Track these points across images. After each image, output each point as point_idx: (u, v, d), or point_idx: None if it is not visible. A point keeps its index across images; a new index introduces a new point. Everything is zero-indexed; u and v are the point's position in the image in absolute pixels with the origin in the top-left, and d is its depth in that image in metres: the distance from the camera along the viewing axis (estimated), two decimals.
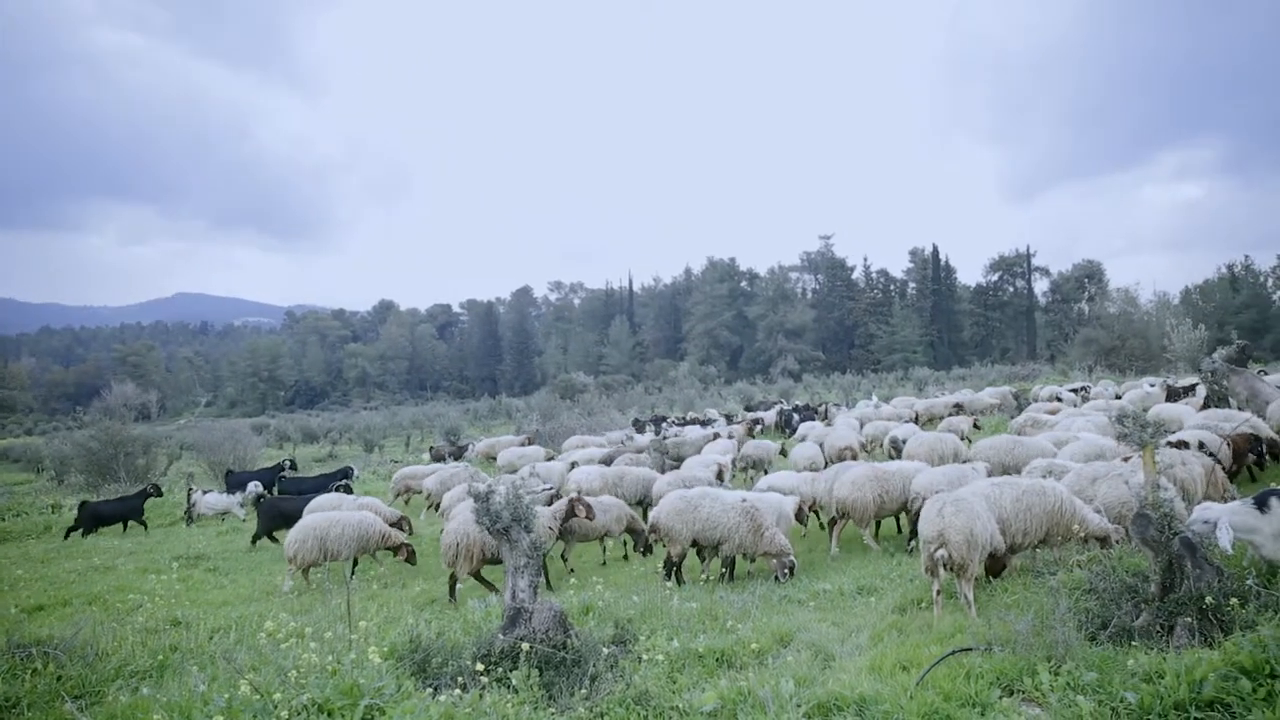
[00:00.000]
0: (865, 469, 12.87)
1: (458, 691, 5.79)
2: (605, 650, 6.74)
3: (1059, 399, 26.99)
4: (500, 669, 6.46)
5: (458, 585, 11.61)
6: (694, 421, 31.09)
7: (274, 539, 17.11)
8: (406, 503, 20.99)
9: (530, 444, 27.25)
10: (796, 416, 29.74)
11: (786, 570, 10.65)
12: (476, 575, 11.61)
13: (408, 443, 46.21)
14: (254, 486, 24.24)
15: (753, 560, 11.49)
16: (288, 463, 28.17)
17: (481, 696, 5.78)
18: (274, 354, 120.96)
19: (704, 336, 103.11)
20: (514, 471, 19.62)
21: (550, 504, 12.95)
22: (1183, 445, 12.19)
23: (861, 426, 23.56)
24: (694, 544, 11.13)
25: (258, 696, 5.05)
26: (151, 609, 11.05)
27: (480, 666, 6.20)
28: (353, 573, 13.63)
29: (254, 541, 17.50)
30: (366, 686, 5.35)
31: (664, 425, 30.72)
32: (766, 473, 18.38)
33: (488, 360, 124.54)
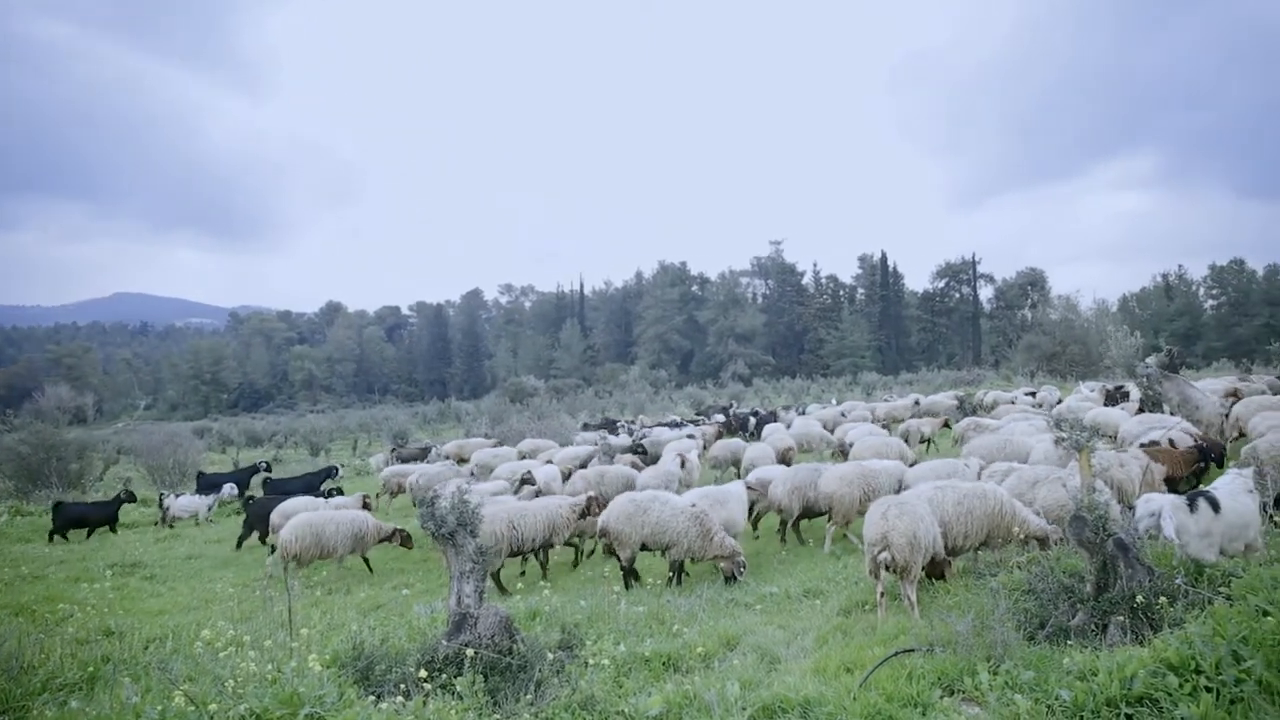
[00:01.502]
0: (852, 466, 13.25)
1: (400, 699, 5.71)
2: (550, 655, 6.70)
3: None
4: (445, 675, 6.39)
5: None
6: (670, 424, 31.26)
7: (264, 540, 16.87)
8: (392, 497, 21.11)
9: (500, 445, 27.11)
10: (753, 420, 30.20)
11: (740, 570, 10.72)
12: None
13: (355, 446, 45.54)
14: (228, 489, 24.16)
15: (695, 561, 11.50)
16: (264, 464, 28.03)
17: (425, 704, 5.71)
18: (217, 356, 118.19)
19: (655, 340, 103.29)
20: (489, 471, 19.69)
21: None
22: (1154, 444, 12.80)
23: (833, 429, 24.00)
24: (643, 547, 11.15)
25: (192, 708, 4.93)
26: (82, 619, 10.65)
27: (424, 673, 6.12)
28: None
29: (239, 543, 17.47)
30: (307, 695, 5.24)
31: (618, 428, 30.82)
32: (738, 471, 18.66)
33: (437, 363, 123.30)
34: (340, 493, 19.39)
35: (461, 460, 24.83)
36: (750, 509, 13.70)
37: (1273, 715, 4.35)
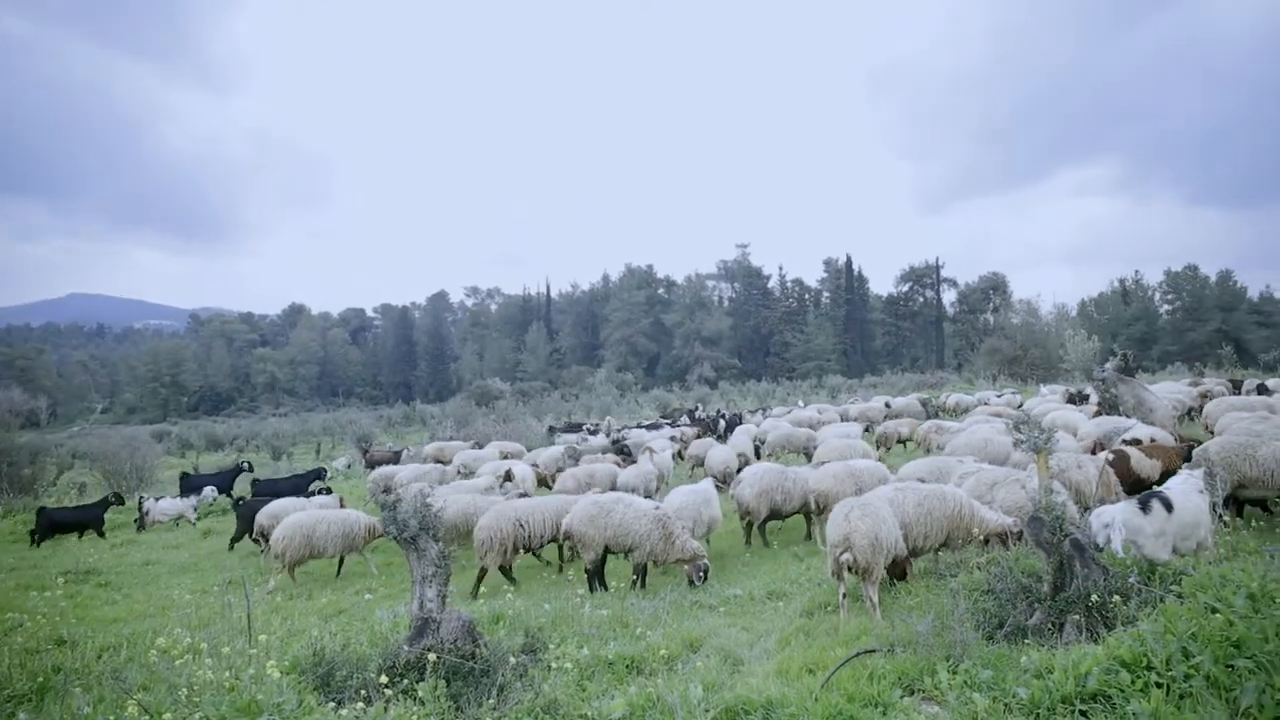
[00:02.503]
0: (840, 465, 13.47)
1: (361, 705, 5.66)
2: (513, 659, 6.67)
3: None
4: (407, 681, 6.34)
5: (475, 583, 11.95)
6: (650, 425, 31.50)
7: (258, 541, 16.65)
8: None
9: (478, 447, 27.26)
10: (722, 422, 30.54)
11: (701, 574, 10.74)
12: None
13: (318, 450, 45.02)
14: (209, 491, 24.00)
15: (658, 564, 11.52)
16: (246, 464, 28.04)
17: (386, 709, 5.67)
18: (177, 358, 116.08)
19: (621, 343, 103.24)
20: (473, 473, 19.83)
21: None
22: (1135, 442, 13.24)
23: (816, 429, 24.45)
24: (606, 549, 11.13)
25: (146, 717, 4.85)
26: (33, 628, 10.35)
27: (385, 679, 6.06)
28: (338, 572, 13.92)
29: (232, 544, 17.45)
30: (265, 703, 5.18)
31: (584, 431, 30.89)
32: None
33: (402, 366, 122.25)
34: (329, 493, 19.45)
35: (439, 462, 24.80)
36: None
37: (1220, 709, 4.44)
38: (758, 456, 20.99)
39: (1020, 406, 26.35)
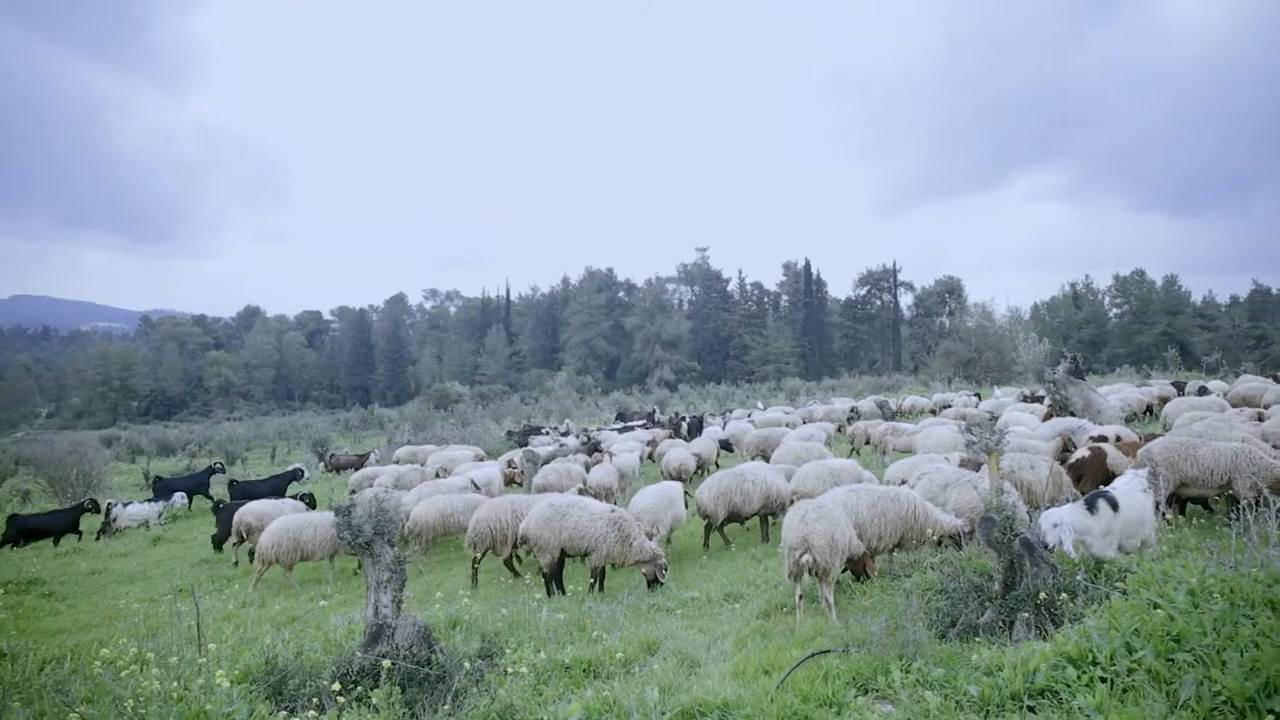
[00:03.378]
0: (819, 465, 13.69)
1: (314, 713, 5.59)
2: (468, 665, 6.63)
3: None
4: (361, 688, 6.28)
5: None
6: (621, 427, 31.79)
7: (237, 545, 16.66)
8: None
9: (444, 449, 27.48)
10: (684, 424, 30.86)
11: (660, 573, 10.76)
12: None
13: (273, 454, 44.31)
14: (179, 497, 23.82)
15: (615, 567, 11.52)
16: (219, 465, 28.16)
17: (339, 717, 5.60)
18: (127, 361, 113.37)
19: (581, 346, 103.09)
20: (448, 473, 20.03)
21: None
22: (1102, 439, 13.63)
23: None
24: (563, 553, 11.11)
25: None
26: None
27: (337, 686, 5.99)
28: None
29: (218, 546, 17.48)
30: (214, 713, 5.10)
31: (543, 434, 30.84)
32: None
33: (360, 369, 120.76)
34: (304, 499, 19.38)
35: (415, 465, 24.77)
36: None
37: (1160, 702, 4.55)
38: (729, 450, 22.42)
39: (979, 408, 26.82)
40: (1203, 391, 23.91)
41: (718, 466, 21.75)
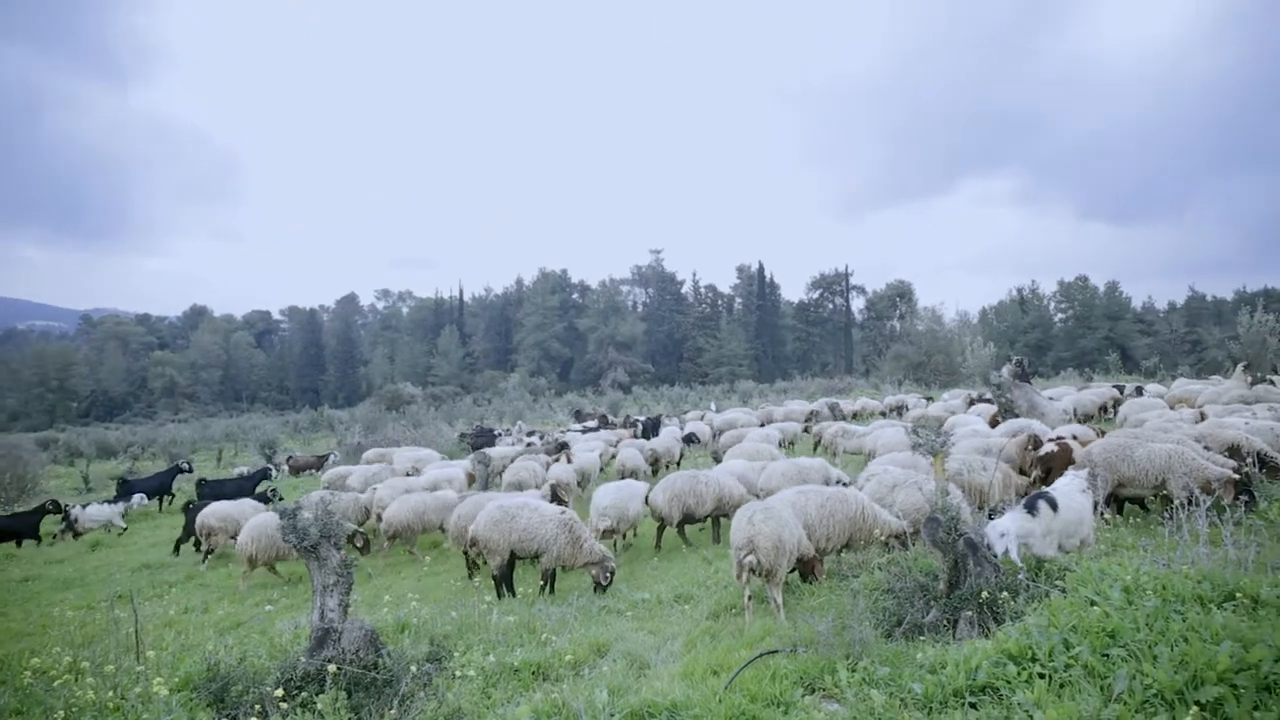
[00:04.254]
0: (789, 463, 14.00)
1: None
2: (415, 668, 6.57)
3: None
4: (306, 693, 6.18)
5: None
6: (585, 428, 31.96)
7: (199, 546, 16.42)
8: None
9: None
10: (639, 425, 31.04)
11: (607, 575, 10.75)
12: (503, 573, 11.71)
13: (219, 457, 43.39)
14: (138, 498, 23.29)
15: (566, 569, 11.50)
16: (186, 464, 27.56)
17: None
18: (65, 361, 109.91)
19: (535, 348, 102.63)
20: (418, 472, 20.16)
21: None
22: (1059, 438, 13.87)
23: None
24: (513, 555, 11.06)
25: None
26: None
27: (280, 692, 5.90)
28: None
29: (177, 548, 17.16)
30: None
31: (496, 436, 30.74)
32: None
33: (310, 370, 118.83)
34: (280, 496, 19.31)
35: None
36: None
37: (1095, 696, 4.68)
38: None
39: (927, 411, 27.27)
40: (1139, 393, 24.60)
41: (679, 466, 22.00)
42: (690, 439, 24.30)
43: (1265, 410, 16.16)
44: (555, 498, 14.09)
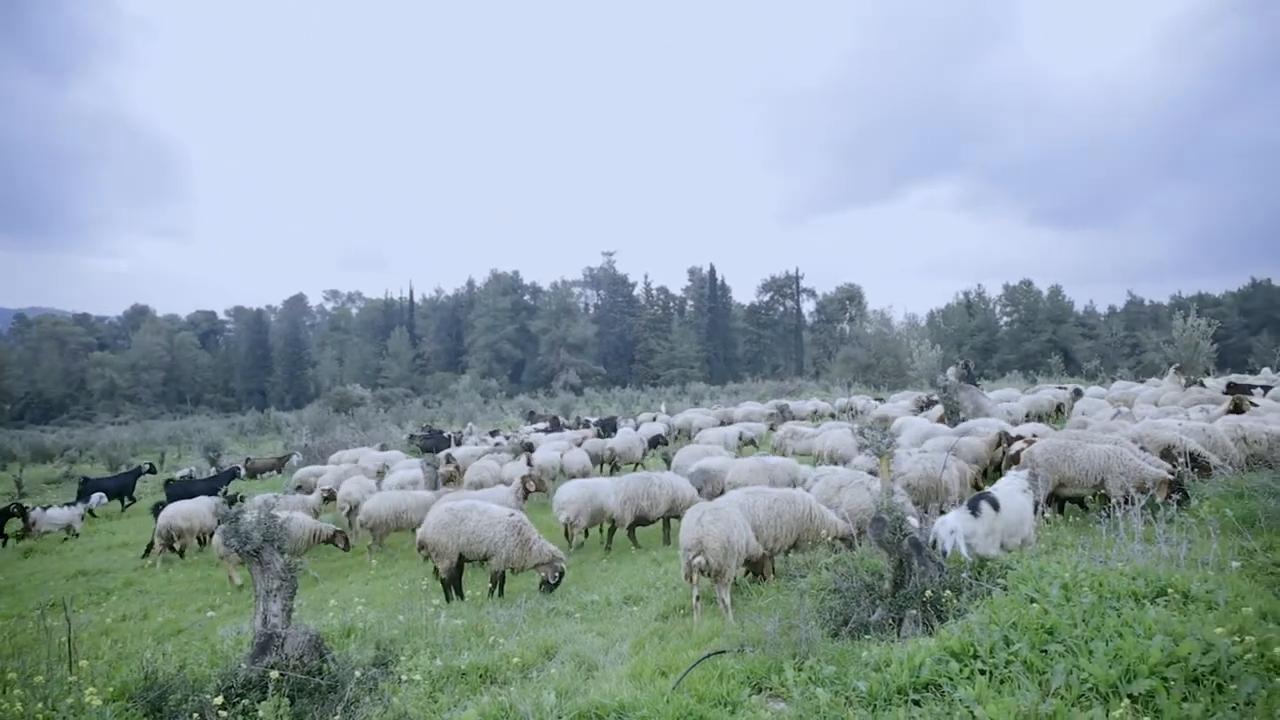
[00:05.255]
0: (756, 461, 14.17)
1: None
2: (358, 673, 6.47)
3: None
4: (247, 701, 6.06)
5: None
6: (545, 429, 31.95)
7: (173, 548, 16.19)
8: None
9: (385, 449, 27.69)
10: (592, 426, 31.10)
11: (556, 574, 10.70)
12: (451, 576, 11.40)
13: (162, 460, 42.31)
14: (98, 498, 22.91)
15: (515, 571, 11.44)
16: (148, 466, 27.37)
17: None
18: None
19: (486, 350, 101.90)
20: (383, 474, 20.22)
21: None
22: (1020, 437, 14.27)
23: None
24: (461, 558, 10.95)
25: None
26: None
27: (220, 700, 5.77)
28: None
29: (148, 551, 16.73)
30: None
31: (446, 438, 30.53)
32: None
33: (256, 371, 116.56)
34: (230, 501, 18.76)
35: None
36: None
37: (1033, 690, 4.77)
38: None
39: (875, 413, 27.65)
40: (1078, 394, 25.22)
41: (644, 466, 22.09)
42: (658, 441, 24.29)
43: (1198, 411, 16.65)
44: (526, 491, 14.27)
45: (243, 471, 26.91)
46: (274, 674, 6.15)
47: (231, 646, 8.31)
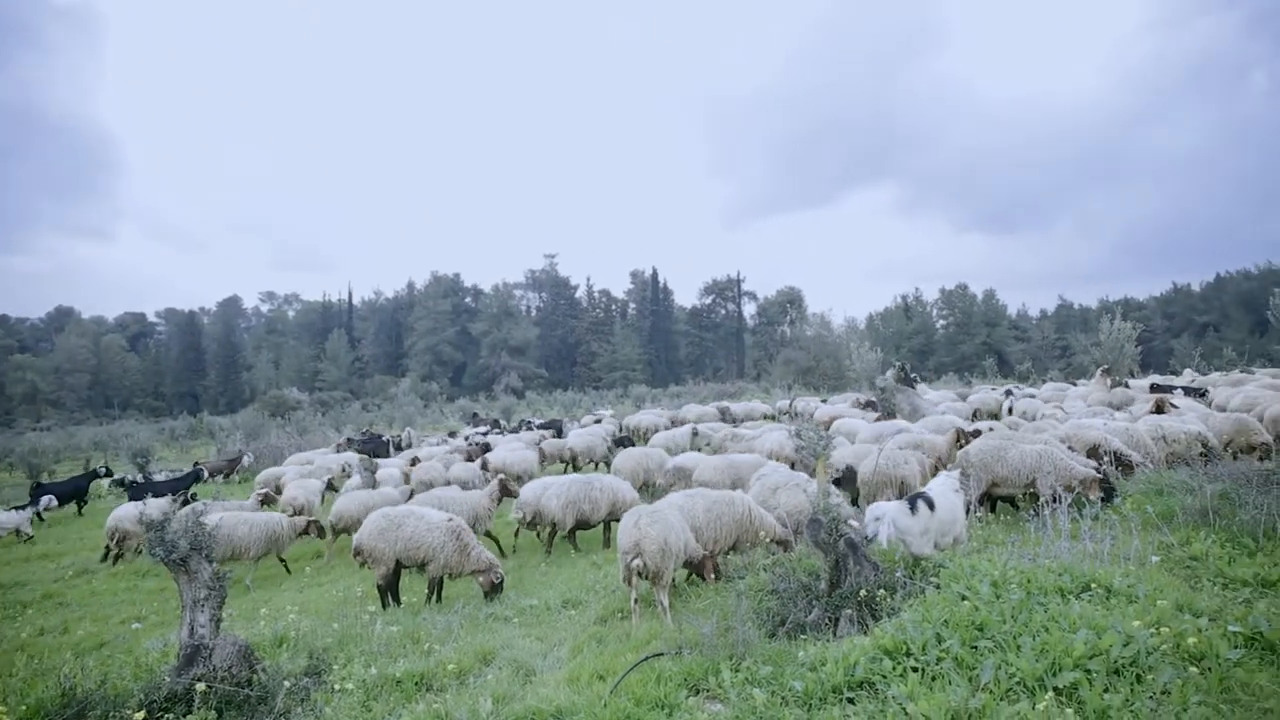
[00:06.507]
0: (722, 459, 14.34)
1: None
2: (288, 684, 6.32)
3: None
4: (172, 715, 5.88)
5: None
6: (499, 430, 32.35)
7: (109, 548, 15.80)
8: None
9: (341, 451, 27.52)
10: (533, 429, 30.91)
11: (495, 583, 10.57)
12: (388, 582, 11.02)
13: (86, 466, 40.90)
14: (48, 500, 22.20)
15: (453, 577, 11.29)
16: (103, 468, 26.81)
17: None
18: None
19: (426, 352, 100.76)
20: (374, 473, 19.79)
21: None
22: (975, 433, 14.28)
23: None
24: (398, 564, 10.77)
25: None
26: None
27: (142, 715, 5.59)
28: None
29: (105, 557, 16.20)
30: None
31: (385, 442, 30.12)
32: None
33: (188, 375, 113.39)
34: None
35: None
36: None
37: (964, 686, 4.86)
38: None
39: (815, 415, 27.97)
40: (1008, 395, 25.87)
41: (607, 465, 22.04)
42: (624, 441, 24.12)
43: (1122, 413, 17.20)
44: (505, 490, 14.22)
45: (205, 474, 26.18)
46: (200, 686, 5.99)
47: (157, 659, 8.05)
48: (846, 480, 12.85)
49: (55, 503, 22.45)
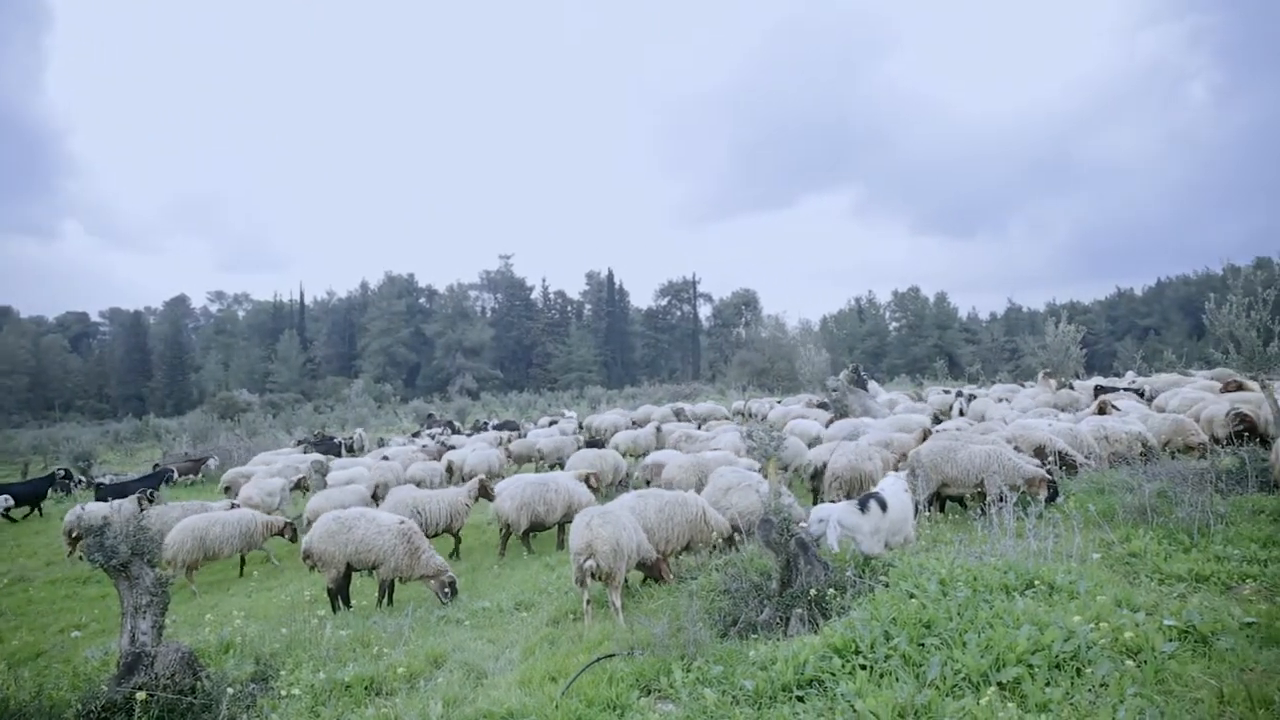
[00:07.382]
0: (690, 458, 14.36)
1: None
2: (232, 690, 6.20)
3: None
4: None
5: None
6: (473, 431, 32.07)
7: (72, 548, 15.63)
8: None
9: (308, 451, 27.33)
10: (489, 429, 30.90)
11: (447, 590, 10.44)
12: (338, 585, 10.83)
13: (25, 471, 39.76)
14: (4, 500, 22.07)
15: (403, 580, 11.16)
16: (62, 470, 26.53)
17: None
18: None
19: (380, 354, 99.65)
20: (324, 475, 19.93)
21: None
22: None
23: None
24: (349, 567, 10.62)
25: None
26: None
27: None
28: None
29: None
30: None
31: (338, 444, 29.80)
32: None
33: (134, 376, 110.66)
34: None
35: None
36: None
37: (911, 683, 4.94)
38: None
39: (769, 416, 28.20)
40: (959, 396, 26.32)
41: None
42: (593, 443, 24.16)
43: (1067, 414, 17.59)
44: (484, 491, 14.33)
45: (175, 475, 25.65)
46: (141, 695, 5.84)
47: (97, 668, 7.85)
48: (819, 476, 13.09)
49: (12, 503, 21.98)
